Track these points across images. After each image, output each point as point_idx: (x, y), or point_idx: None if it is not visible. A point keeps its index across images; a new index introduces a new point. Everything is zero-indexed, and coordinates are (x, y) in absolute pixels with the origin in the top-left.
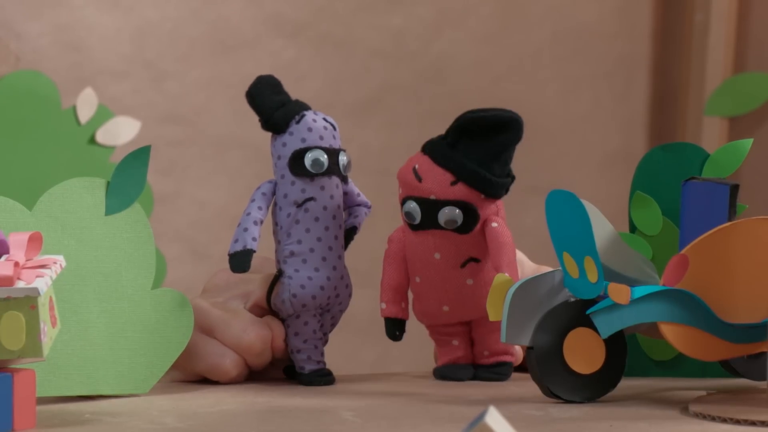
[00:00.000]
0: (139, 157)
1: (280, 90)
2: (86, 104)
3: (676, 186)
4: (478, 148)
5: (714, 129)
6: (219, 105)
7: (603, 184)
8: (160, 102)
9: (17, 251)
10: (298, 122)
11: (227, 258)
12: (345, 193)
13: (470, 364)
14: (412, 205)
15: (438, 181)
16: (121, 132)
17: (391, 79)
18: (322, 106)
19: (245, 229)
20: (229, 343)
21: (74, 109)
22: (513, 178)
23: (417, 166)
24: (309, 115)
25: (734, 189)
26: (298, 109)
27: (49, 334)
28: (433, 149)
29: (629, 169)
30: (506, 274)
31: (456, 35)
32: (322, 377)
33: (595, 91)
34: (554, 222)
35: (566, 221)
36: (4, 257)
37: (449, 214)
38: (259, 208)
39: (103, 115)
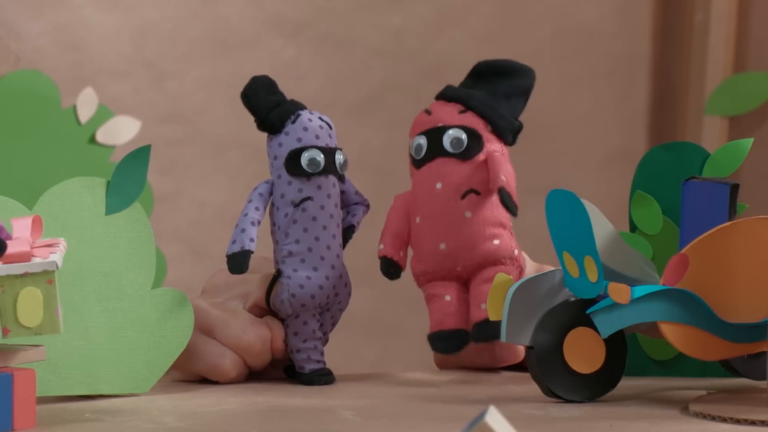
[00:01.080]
0: (139, 157)
1: (275, 90)
2: (86, 104)
3: (676, 185)
4: (491, 88)
5: (714, 128)
6: (219, 105)
7: (603, 183)
8: (160, 102)
9: (23, 233)
10: (293, 122)
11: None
12: (342, 192)
13: (463, 329)
14: (421, 140)
15: (447, 111)
16: (121, 131)
17: (391, 78)
18: (322, 106)
19: (242, 230)
20: (228, 344)
21: (74, 108)
22: (521, 125)
23: (430, 107)
24: (305, 115)
25: (734, 188)
26: (294, 108)
27: (61, 311)
28: (446, 90)
29: (629, 168)
30: (505, 177)
31: (456, 34)
32: (322, 377)
33: (595, 90)
34: (554, 221)
35: (566, 221)
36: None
37: (454, 134)
38: (257, 208)
39: (103, 114)
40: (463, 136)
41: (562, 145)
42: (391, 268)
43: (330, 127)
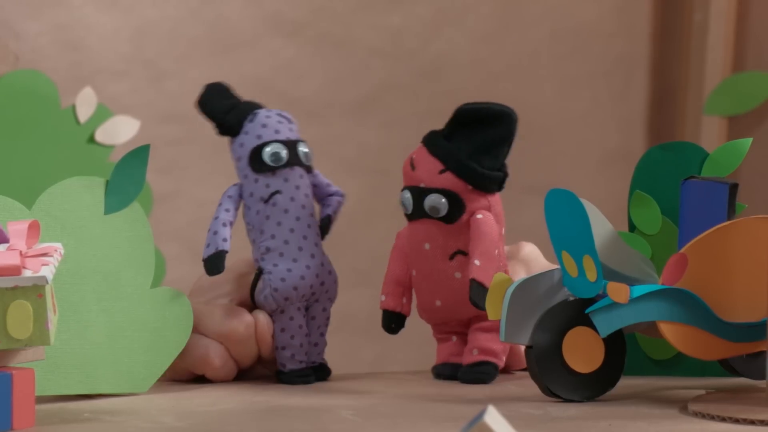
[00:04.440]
0: (138, 156)
1: (229, 95)
2: (85, 103)
3: (675, 185)
4: (471, 140)
5: (713, 128)
6: None
7: (602, 183)
8: (160, 101)
9: (18, 240)
10: (251, 121)
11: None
12: (315, 185)
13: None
14: (407, 195)
15: (428, 170)
16: (121, 131)
17: (389, 78)
18: (320, 106)
19: (215, 233)
20: (212, 333)
21: (73, 108)
22: (506, 174)
23: (414, 157)
24: (262, 113)
25: (733, 188)
26: (249, 108)
27: (53, 321)
28: (429, 140)
29: (628, 168)
30: (479, 262)
31: (455, 34)
32: (301, 377)
33: (593, 90)
34: (553, 221)
35: (565, 220)
36: (3, 246)
37: (434, 201)
38: (227, 210)
39: (102, 114)
40: (442, 202)
41: (560, 145)
42: (392, 323)
43: (290, 121)
